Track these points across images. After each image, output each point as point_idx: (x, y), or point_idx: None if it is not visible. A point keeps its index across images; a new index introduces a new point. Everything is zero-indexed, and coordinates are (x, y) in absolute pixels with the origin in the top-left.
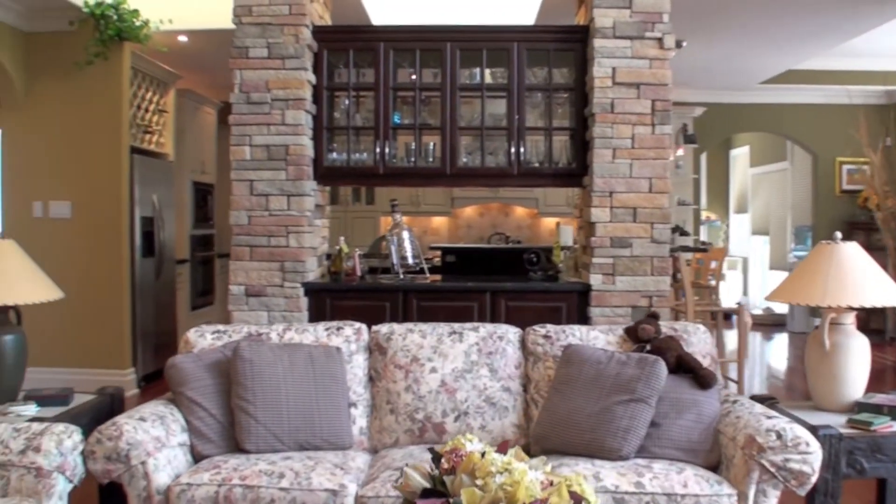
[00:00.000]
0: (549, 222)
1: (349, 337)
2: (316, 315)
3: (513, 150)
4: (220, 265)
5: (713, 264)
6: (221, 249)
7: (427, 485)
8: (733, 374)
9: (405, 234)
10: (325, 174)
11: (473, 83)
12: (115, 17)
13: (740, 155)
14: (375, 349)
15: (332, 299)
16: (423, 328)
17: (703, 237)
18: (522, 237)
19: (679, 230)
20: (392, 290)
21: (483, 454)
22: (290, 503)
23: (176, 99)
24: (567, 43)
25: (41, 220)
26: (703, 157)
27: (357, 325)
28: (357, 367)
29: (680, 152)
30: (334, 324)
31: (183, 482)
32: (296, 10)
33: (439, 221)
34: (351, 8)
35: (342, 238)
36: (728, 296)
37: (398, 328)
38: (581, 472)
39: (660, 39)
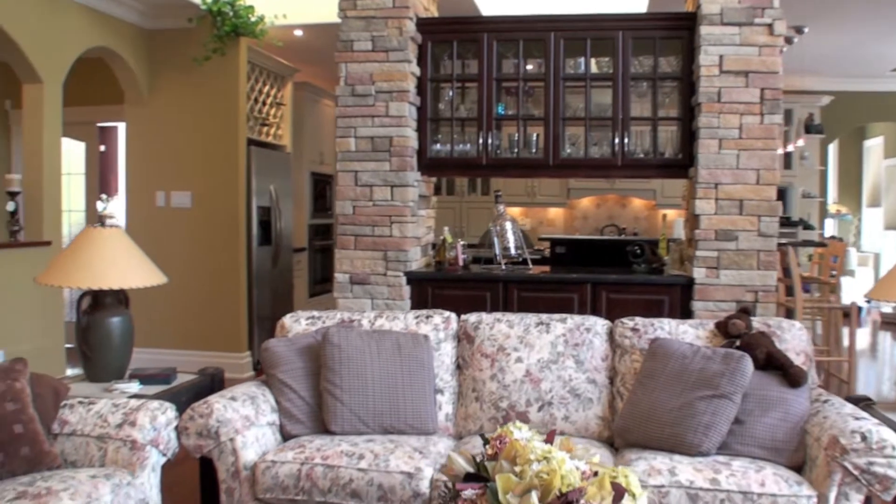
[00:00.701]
0: (666, 214)
1: (438, 325)
2: (418, 303)
3: (617, 140)
4: None
5: (835, 259)
6: None
7: (470, 469)
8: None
9: (507, 225)
10: (429, 165)
11: (578, 73)
12: (231, 13)
13: (874, 146)
14: (463, 338)
15: (433, 288)
16: (511, 318)
17: (831, 231)
18: (639, 229)
19: (802, 223)
20: (492, 280)
21: (528, 442)
22: (368, 483)
23: (294, 92)
24: (673, 31)
25: (163, 209)
26: (832, 148)
27: (446, 313)
28: (445, 354)
29: (800, 142)
30: (424, 312)
31: (268, 459)
32: (399, 3)
33: (555, 212)
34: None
35: (446, 228)
36: (856, 292)
37: (486, 317)
38: (657, 467)
39: (770, 26)
